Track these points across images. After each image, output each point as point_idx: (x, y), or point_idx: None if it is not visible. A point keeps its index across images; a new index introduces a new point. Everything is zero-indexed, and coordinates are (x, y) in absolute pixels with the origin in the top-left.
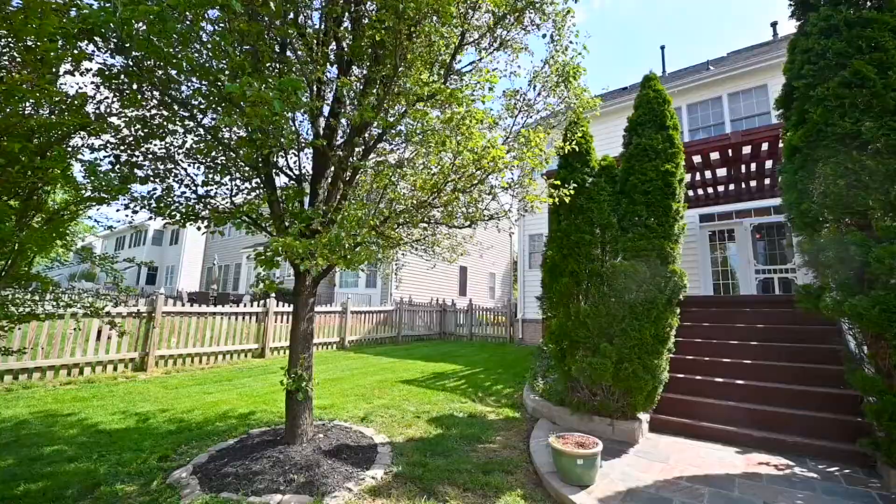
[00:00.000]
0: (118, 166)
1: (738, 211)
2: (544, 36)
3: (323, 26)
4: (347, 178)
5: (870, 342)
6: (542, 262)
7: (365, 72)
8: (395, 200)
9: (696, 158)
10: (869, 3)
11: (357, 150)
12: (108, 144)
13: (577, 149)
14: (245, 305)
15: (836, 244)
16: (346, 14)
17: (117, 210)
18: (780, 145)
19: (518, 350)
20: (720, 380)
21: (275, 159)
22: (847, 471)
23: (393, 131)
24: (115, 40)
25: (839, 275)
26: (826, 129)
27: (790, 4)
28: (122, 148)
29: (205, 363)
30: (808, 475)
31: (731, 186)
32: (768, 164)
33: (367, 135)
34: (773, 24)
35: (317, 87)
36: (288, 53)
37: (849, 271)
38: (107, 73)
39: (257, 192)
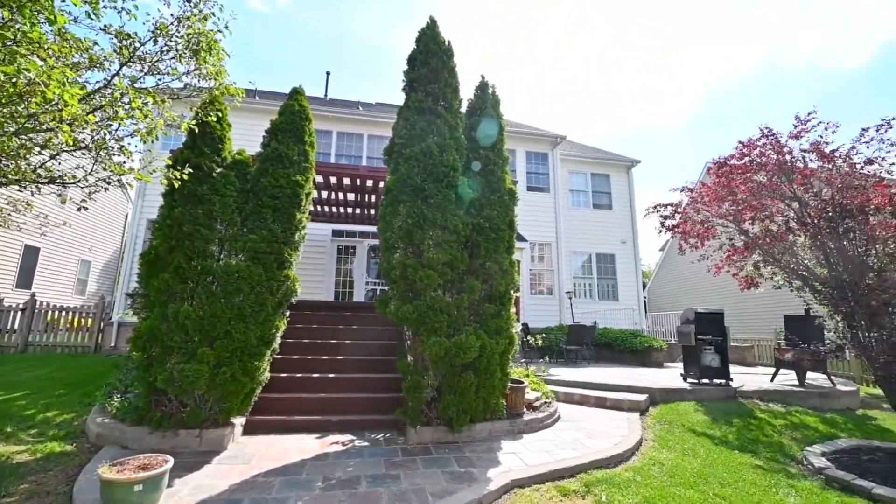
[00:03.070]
0: None
1: (361, 232)
2: None
3: None
4: None
5: (412, 337)
6: (143, 252)
7: None
8: None
9: (333, 179)
10: (442, 103)
11: None
12: None
13: (209, 131)
14: None
15: (401, 265)
16: None
17: None
18: None
19: (105, 362)
20: (317, 375)
21: None
22: (388, 435)
23: None
24: None
25: (401, 288)
26: (408, 180)
27: (403, 81)
28: None
29: None
30: (363, 445)
31: (359, 210)
32: (383, 197)
33: None
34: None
35: None
36: None
37: (407, 286)
38: None
39: None
